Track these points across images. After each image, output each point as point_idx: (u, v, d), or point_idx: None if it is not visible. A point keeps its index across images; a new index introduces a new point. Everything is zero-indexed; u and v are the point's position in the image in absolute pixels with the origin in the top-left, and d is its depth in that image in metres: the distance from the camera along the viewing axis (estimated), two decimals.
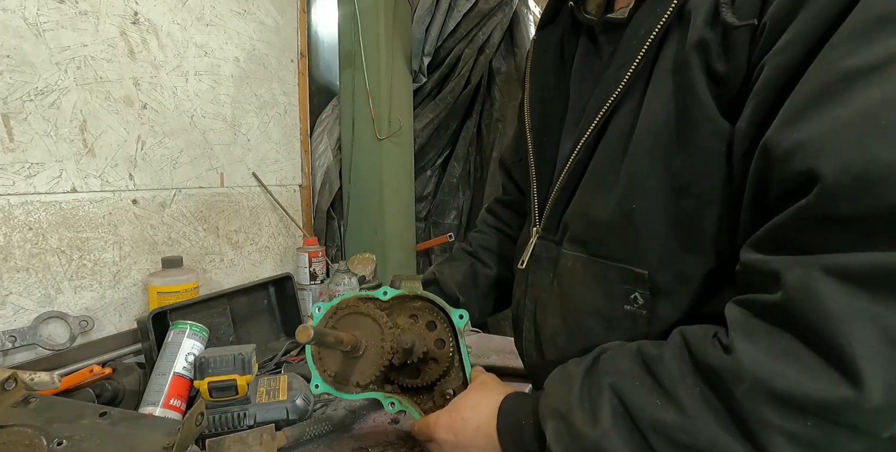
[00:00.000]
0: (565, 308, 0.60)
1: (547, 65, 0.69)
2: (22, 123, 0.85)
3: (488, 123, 1.77)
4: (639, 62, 0.51)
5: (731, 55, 0.44)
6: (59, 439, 0.57)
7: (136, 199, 1.03)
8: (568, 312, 0.59)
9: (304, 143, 1.47)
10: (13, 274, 0.85)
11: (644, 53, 0.51)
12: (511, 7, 1.62)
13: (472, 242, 0.89)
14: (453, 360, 0.65)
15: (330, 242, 1.55)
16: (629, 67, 0.52)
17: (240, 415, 0.75)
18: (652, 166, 0.50)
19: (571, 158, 0.58)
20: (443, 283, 0.82)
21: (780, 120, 0.39)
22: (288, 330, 1.18)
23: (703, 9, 0.46)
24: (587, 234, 0.57)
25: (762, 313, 0.39)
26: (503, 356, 1.10)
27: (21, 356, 0.86)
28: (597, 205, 0.55)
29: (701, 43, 0.46)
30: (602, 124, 0.55)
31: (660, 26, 0.49)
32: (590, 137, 0.56)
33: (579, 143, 0.57)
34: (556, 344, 0.61)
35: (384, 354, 0.63)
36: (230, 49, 1.21)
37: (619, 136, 0.53)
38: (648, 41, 0.50)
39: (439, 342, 0.67)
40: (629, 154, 0.51)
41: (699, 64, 0.46)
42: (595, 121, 0.55)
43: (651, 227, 0.50)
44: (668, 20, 0.49)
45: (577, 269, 0.58)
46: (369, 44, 1.44)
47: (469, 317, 0.83)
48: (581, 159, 0.57)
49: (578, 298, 0.58)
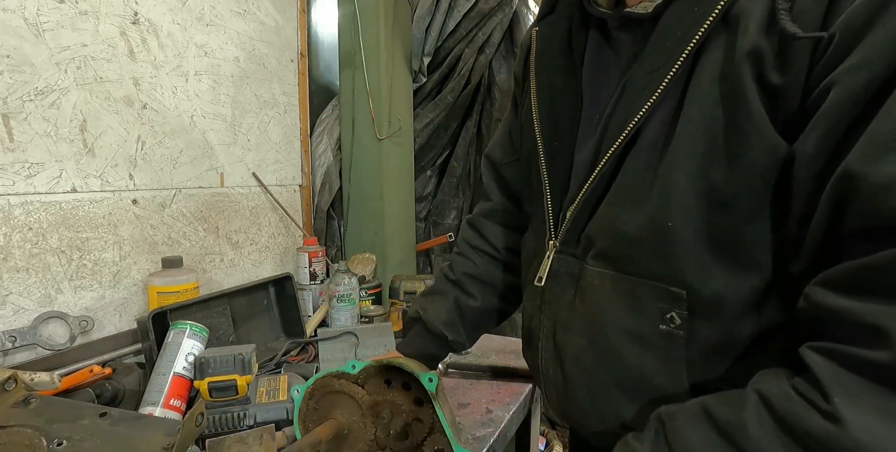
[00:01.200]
0: (592, 327, 0.56)
1: (553, 62, 0.63)
2: (22, 123, 0.85)
3: (488, 123, 1.77)
4: (678, 68, 0.47)
5: (789, 67, 0.41)
6: (59, 439, 0.57)
7: (136, 199, 1.03)
8: (595, 332, 0.56)
9: (304, 143, 1.47)
10: (13, 274, 0.85)
11: (684, 59, 0.47)
12: (511, 7, 1.61)
13: (454, 268, 0.83)
14: (435, 418, 0.65)
15: (330, 242, 1.55)
16: (666, 74, 0.48)
17: (240, 415, 0.75)
18: (689, 180, 0.46)
19: (598, 170, 0.54)
20: (428, 323, 0.79)
21: (866, 148, 0.36)
22: (288, 330, 1.18)
23: (756, 13, 0.42)
24: (615, 250, 0.54)
25: (861, 370, 0.35)
26: (503, 356, 1.10)
27: (21, 356, 0.86)
28: (626, 220, 0.52)
29: (754, 52, 0.42)
30: (633, 134, 0.51)
31: (704, 29, 0.45)
32: (618, 148, 0.52)
33: (606, 154, 0.53)
34: (581, 365, 0.58)
35: (367, 429, 0.66)
36: (230, 49, 1.21)
37: (652, 147, 0.50)
38: (690, 45, 0.46)
39: (418, 401, 0.67)
40: (664, 166, 0.48)
41: (751, 74, 0.42)
42: (626, 132, 0.51)
43: (686, 244, 0.48)
44: (713, 23, 0.45)
45: (605, 287, 0.55)
46: (369, 44, 1.44)
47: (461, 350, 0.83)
48: (607, 171, 0.54)
49: (607, 317, 0.55)
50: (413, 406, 0.67)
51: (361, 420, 0.67)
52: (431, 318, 0.79)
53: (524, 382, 0.98)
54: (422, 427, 0.66)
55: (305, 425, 0.69)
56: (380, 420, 0.66)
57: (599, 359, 0.56)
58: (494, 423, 0.83)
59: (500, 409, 0.87)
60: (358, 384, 0.69)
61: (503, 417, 0.85)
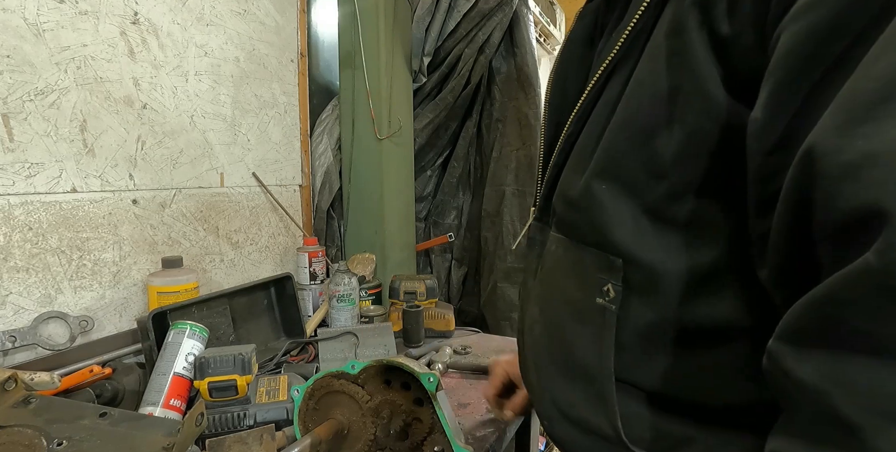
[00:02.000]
0: (544, 295, 0.55)
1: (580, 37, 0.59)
2: (22, 123, 0.85)
3: (488, 123, 1.77)
4: (635, 23, 0.43)
5: (738, 13, 0.35)
6: (59, 439, 0.57)
7: (136, 199, 1.03)
8: (545, 301, 0.54)
9: (304, 143, 1.47)
10: (13, 274, 0.85)
11: (642, 12, 0.43)
12: (511, 7, 1.61)
13: None
14: (435, 418, 0.65)
15: (330, 242, 1.55)
16: (626, 28, 0.44)
17: (240, 415, 0.75)
18: (628, 144, 0.43)
19: (563, 133, 0.52)
20: None
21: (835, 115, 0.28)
22: (288, 330, 1.18)
23: None
24: (565, 216, 0.51)
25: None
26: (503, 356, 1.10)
27: (21, 356, 0.86)
28: (573, 183, 0.49)
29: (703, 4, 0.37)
30: (594, 95, 0.48)
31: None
32: (580, 110, 0.49)
33: (572, 115, 0.50)
34: (532, 335, 0.56)
35: (367, 429, 0.66)
36: (230, 49, 1.21)
37: (606, 107, 0.46)
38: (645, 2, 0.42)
39: (418, 401, 0.67)
40: (609, 128, 0.45)
41: (697, 24, 0.37)
42: (586, 92, 0.48)
43: (619, 210, 0.44)
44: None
45: (559, 254, 0.52)
46: (369, 44, 1.44)
47: None
48: (572, 133, 0.51)
49: (556, 286, 0.53)
50: (413, 406, 0.67)
51: (361, 420, 0.67)
52: None
53: None
54: (422, 427, 0.66)
55: (305, 425, 0.70)
56: (380, 420, 0.66)
57: (544, 331, 0.54)
58: (494, 423, 0.83)
59: None
60: (358, 384, 0.69)
61: None
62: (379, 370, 0.69)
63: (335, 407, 0.69)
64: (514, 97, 1.70)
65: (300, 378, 0.87)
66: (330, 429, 0.65)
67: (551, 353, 0.52)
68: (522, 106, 1.68)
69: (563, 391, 0.51)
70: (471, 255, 1.83)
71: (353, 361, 0.69)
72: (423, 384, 0.63)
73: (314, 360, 1.08)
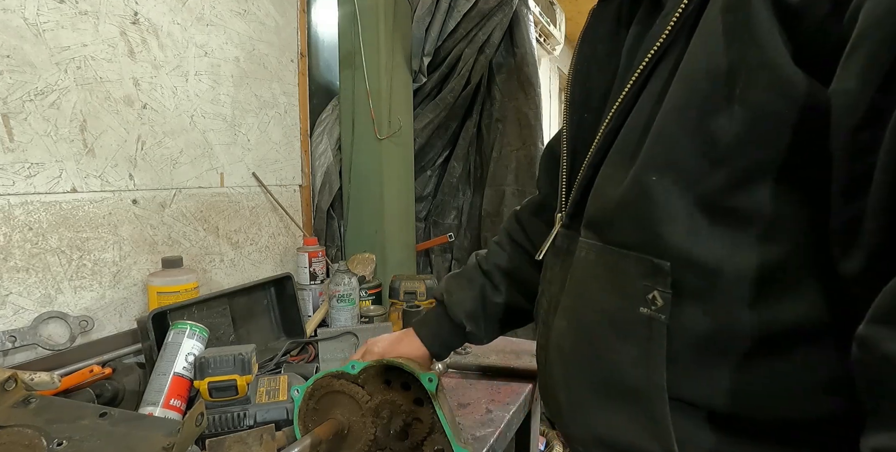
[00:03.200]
0: (573, 307, 0.50)
1: (599, 32, 0.56)
2: (22, 123, 0.85)
3: (488, 123, 1.77)
4: (686, 5, 0.40)
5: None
6: (59, 439, 0.57)
7: (136, 199, 1.03)
8: (575, 313, 0.49)
9: (304, 143, 1.47)
10: (13, 274, 0.85)
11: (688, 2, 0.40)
12: (511, 7, 1.61)
13: (487, 258, 0.79)
14: (435, 418, 0.65)
15: (330, 242, 1.55)
16: (674, 13, 0.41)
17: (240, 415, 0.75)
18: (683, 128, 0.39)
19: (602, 129, 0.48)
20: (449, 309, 0.77)
21: None
22: (288, 330, 1.18)
23: None
24: (600, 216, 0.47)
25: None
26: (503, 356, 1.10)
27: (21, 356, 0.86)
28: (615, 181, 0.44)
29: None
30: (639, 85, 0.44)
31: None
32: (623, 102, 0.45)
33: (611, 110, 0.47)
34: (560, 353, 0.52)
35: (367, 429, 0.66)
36: (230, 49, 1.21)
37: (652, 99, 0.43)
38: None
39: (418, 401, 0.67)
40: (661, 115, 0.41)
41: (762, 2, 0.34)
42: (630, 83, 0.44)
43: (672, 203, 0.39)
44: None
45: (591, 260, 0.48)
46: (369, 44, 1.44)
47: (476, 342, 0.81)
48: (612, 128, 0.47)
49: (587, 295, 0.48)
50: (413, 406, 0.67)
51: (361, 420, 0.67)
52: (455, 304, 0.76)
53: (524, 382, 0.98)
54: (422, 427, 0.66)
55: (305, 425, 0.70)
56: (380, 420, 0.66)
57: (576, 345, 0.49)
58: (494, 423, 0.83)
59: (500, 409, 0.87)
60: (358, 384, 0.69)
61: (503, 417, 0.85)
62: (379, 370, 0.69)
63: (335, 407, 0.69)
64: (514, 97, 1.70)
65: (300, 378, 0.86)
66: (330, 429, 0.65)
67: (587, 372, 0.48)
68: (522, 106, 1.68)
69: (602, 413, 0.46)
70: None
71: (353, 361, 0.69)
72: (423, 384, 0.63)
73: (314, 360, 1.08)
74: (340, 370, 0.69)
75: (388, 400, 0.67)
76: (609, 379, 0.45)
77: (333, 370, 0.69)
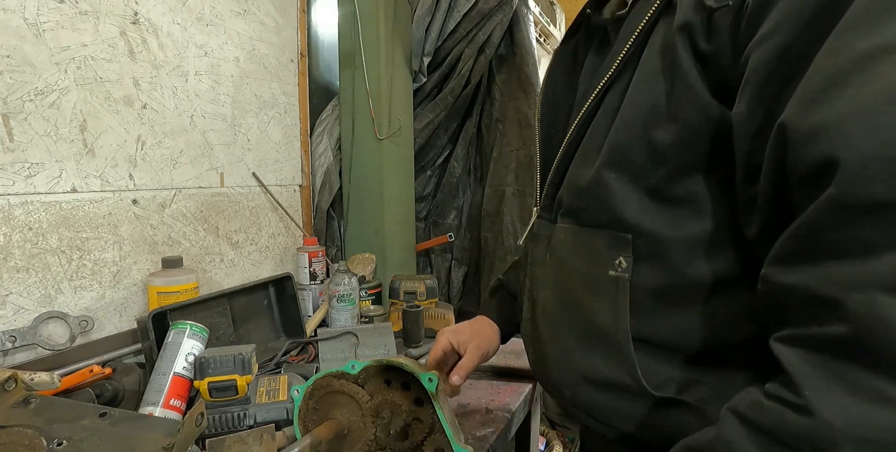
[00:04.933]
0: (557, 279, 0.63)
1: (561, 68, 0.73)
2: (22, 123, 0.85)
3: (488, 123, 1.77)
4: (629, 46, 0.54)
5: (715, 36, 0.46)
6: (59, 439, 0.57)
7: (136, 199, 1.03)
8: (558, 281, 0.62)
9: (304, 143, 1.47)
10: (13, 274, 0.85)
11: (635, 38, 0.54)
12: (511, 7, 1.61)
13: None
14: (435, 418, 0.65)
15: (330, 242, 1.55)
16: (621, 52, 0.55)
17: (240, 415, 0.75)
18: (632, 137, 0.52)
19: (567, 137, 0.62)
20: (508, 286, 0.89)
21: (797, 101, 0.38)
22: (288, 330, 1.18)
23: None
24: (574, 204, 0.60)
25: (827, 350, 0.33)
26: (503, 356, 1.10)
27: (21, 356, 0.86)
28: (582, 175, 0.58)
29: (686, 25, 0.48)
30: (594, 105, 0.58)
31: (651, 13, 0.52)
32: (582, 118, 0.60)
33: (574, 123, 0.61)
34: (547, 316, 0.64)
35: (367, 429, 0.66)
36: (230, 49, 1.21)
37: (607, 114, 0.56)
38: (640, 27, 0.53)
39: (417, 401, 0.67)
40: (614, 127, 0.54)
41: (684, 44, 0.48)
42: (587, 103, 0.59)
43: (626, 191, 0.53)
44: (658, 8, 0.52)
45: (569, 240, 0.61)
46: (369, 44, 1.44)
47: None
48: (575, 138, 0.61)
49: (568, 267, 0.61)
50: (413, 406, 0.67)
51: (361, 420, 0.67)
52: (511, 281, 0.89)
53: (524, 382, 0.98)
54: (422, 427, 0.66)
55: (305, 425, 0.70)
56: (380, 420, 0.66)
57: (559, 307, 0.62)
58: (494, 423, 0.83)
59: (500, 409, 0.87)
60: (358, 384, 0.69)
61: (503, 417, 0.85)
62: (379, 370, 0.68)
63: (335, 407, 0.69)
64: (514, 97, 1.70)
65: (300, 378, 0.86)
66: (330, 429, 0.65)
67: (570, 326, 0.60)
68: (522, 106, 1.68)
69: (584, 357, 0.58)
70: (471, 255, 1.83)
71: (353, 361, 0.69)
72: (423, 384, 0.63)
73: (314, 360, 1.08)
74: (340, 370, 0.69)
75: (388, 400, 0.67)
76: (588, 328, 0.57)
77: (333, 370, 0.69)
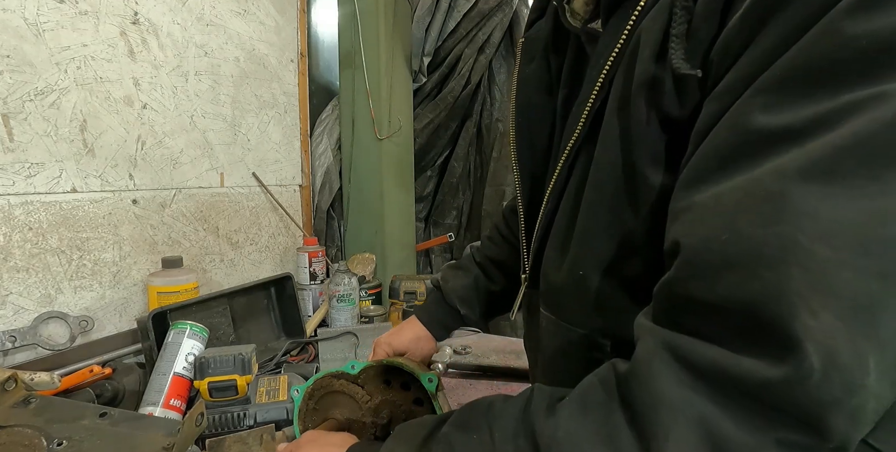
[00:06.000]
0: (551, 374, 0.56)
1: (532, 78, 0.58)
2: (22, 123, 0.85)
3: (488, 123, 1.77)
4: (593, 101, 0.44)
5: (687, 99, 0.36)
6: (59, 439, 0.57)
7: (136, 199, 1.03)
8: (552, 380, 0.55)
9: (304, 143, 1.47)
10: (13, 274, 0.85)
11: (598, 89, 0.43)
12: (511, 7, 1.61)
13: (481, 250, 0.85)
14: None
15: (330, 242, 1.55)
16: (585, 106, 0.45)
17: (240, 415, 0.75)
18: (602, 227, 0.44)
19: (542, 209, 0.53)
20: (445, 294, 0.82)
21: (685, 176, 0.34)
22: (288, 330, 1.18)
23: (652, 37, 0.37)
24: (550, 296, 0.53)
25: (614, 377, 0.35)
26: (503, 356, 1.10)
27: (21, 356, 0.86)
28: (555, 267, 0.50)
29: (648, 83, 0.38)
30: (566, 171, 0.49)
31: (614, 55, 0.41)
32: (555, 187, 0.50)
33: (546, 193, 0.51)
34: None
35: (366, 429, 0.66)
36: (230, 49, 1.21)
37: (576, 188, 0.47)
38: (602, 74, 0.43)
39: (417, 401, 0.67)
40: (581, 211, 0.46)
41: (646, 108, 0.38)
42: (557, 171, 0.49)
43: (602, 293, 0.45)
44: (622, 47, 0.41)
45: (551, 332, 0.53)
46: (369, 44, 1.44)
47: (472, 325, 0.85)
48: (549, 210, 0.52)
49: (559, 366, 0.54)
50: (413, 406, 0.67)
51: (361, 420, 0.67)
52: (449, 291, 0.82)
53: (524, 382, 0.98)
54: None
55: (305, 425, 0.70)
56: (379, 420, 0.66)
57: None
58: None
59: None
60: (358, 384, 0.69)
61: None
62: (379, 370, 0.69)
63: (335, 407, 0.69)
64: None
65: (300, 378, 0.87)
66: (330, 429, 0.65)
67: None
68: None
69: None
70: None
71: (353, 361, 0.69)
72: (423, 384, 0.63)
73: (314, 360, 1.08)
74: (340, 370, 0.69)
75: (387, 400, 0.67)
76: None
77: (333, 370, 0.69)
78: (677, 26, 0.35)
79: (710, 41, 0.34)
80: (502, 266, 0.82)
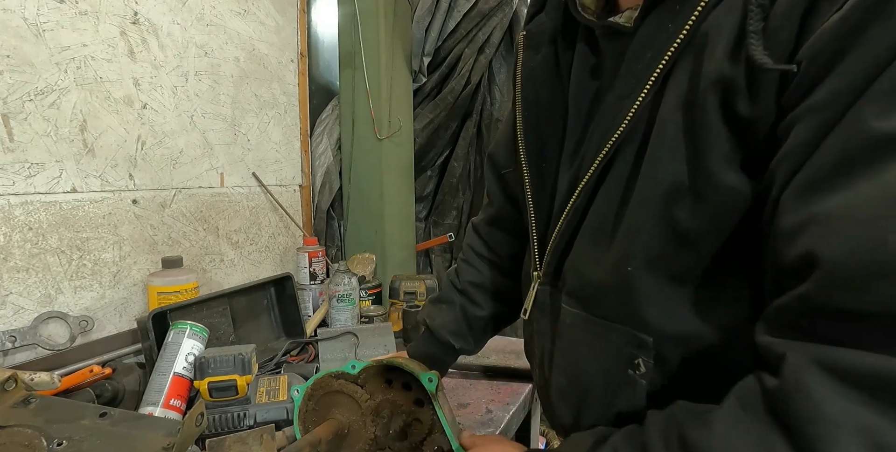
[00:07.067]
0: (570, 368, 0.55)
1: (539, 72, 0.58)
2: (22, 123, 0.85)
3: (488, 123, 1.77)
4: (644, 96, 0.43)
5: (760, 97, 0.36)
6: (59, 439, 0.57)
7: (136, 199, 1.03)
8: (572, 373, 0.55)
9: (304, 143, 1.47)
10: (13, 274, 0.85)
11: (651, 86, 0.43)
12: (511, 7, 1.61)
13: (459, 277, 0.81)
14: (435, 418, 0.65)
15: (330, 242, 1.55)
16: (634, 101, 0.44)
17: (240, 415, 0.75)
18: (654, 221, 0.43)
19: (570, 203, 0.51)
20: (435, 332, 0.79)
21: (797, 185, 0.33)
22: (288, 330, 1.18)
23: (726, 34, 0.37)
24: (583, 291, 0.52)
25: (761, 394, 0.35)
26: (503, 356, 1.10)
27: (21, 356, 0.86)
28: (592, 262, 0.50)
29: (721, 81, 0.37)
30: (603, 167, 0.48)
31: (672, 50, 0.41)
32: (589, 181, 0.49)
33: (578, 187, 0.50)
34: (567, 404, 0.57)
35: (367, 429, 0.66)
36: (230, 49, 1.21)
37: (619, 183, 0.47)
38: (657, 70, 0.42)
39: (418, 401, 0.67)
40: (630, 207, 0.45)
41: (718, 106, 0.38)
42: (594, 165, 0.48)
43: (649, 289, 0.45)
44: (681, 44, 0.40)
45: (578, 327, 0.53)
46: (369, 44, 1.44)
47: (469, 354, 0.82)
48: (580, 205, 0.51)
49: (583, 360, 0.53)
50: (413, 406, 0.67)
51: (361, 419, 0.67)
52: (439, 328, 0.78)
53: (524, 382, 0.98)
54: (422, 428, 0.66)
55: (305, 425, 0.70)
56: (380, 420, 0.66)
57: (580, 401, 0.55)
58: (494, 423, 0.83)
59: (500, 409, 0.87)
60: (358, 384, 0.69)
61: (503, 417, 0.85)
62: (379, 370, 0.68)
63: (335, 407, 0.69)
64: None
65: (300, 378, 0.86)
66: (330, 429, 0.65)
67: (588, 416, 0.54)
68: None
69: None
70: None
71: (353, 361, 0.69)
72: (424, 384, 0.63)
73: (314, 360, 1.08)
74: (340, 370, 0.69)
75: (388, 400, 0.67)
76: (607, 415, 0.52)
77: (333, 370, 0.69)
78: (754, 24, 0.35)
79: (794, 41, 0.34)
80: (484, 288, 0.79)
